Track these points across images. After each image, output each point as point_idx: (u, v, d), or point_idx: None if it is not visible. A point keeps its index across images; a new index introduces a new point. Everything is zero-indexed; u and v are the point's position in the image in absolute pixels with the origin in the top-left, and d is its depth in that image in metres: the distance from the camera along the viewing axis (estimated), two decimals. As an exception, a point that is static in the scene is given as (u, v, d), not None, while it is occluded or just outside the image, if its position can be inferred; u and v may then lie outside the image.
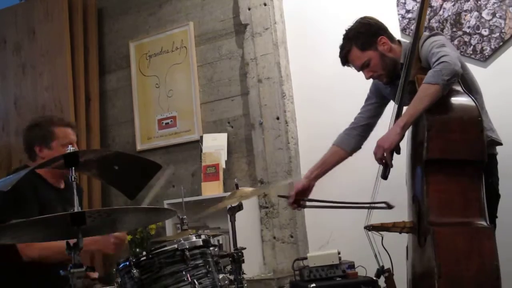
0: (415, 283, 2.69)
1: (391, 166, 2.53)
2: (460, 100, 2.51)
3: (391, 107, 2.83)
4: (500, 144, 2.72)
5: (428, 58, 2.57)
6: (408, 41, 2.81)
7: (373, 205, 2.73)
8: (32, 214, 1.78)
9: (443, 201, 2.45)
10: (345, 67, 2.93)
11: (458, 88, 2.53)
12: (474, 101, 2.49)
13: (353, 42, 2.81)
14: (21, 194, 2.65)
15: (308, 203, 2.95)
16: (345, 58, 2.87)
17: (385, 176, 2.57)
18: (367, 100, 3.05)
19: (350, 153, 3.02)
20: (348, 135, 3.02)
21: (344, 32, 2.86)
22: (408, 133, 2.68)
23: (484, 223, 2.40)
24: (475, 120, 2.45)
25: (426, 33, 2.78)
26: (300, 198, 2.94)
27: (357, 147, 3.02)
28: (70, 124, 2.97)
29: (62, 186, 2.95)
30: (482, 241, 2.36)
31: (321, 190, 3.01)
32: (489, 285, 2.32)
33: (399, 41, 2.87)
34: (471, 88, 2.63)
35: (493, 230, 2.42)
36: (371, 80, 2.93)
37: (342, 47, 2.86)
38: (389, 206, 2.68)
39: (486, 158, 2.45)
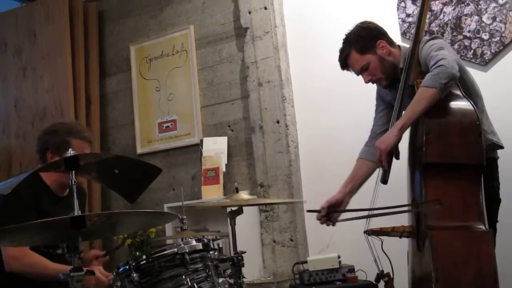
0: None
1: (389, 168, 2.53)
2: (459, 104, 2.51)
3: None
4: (501, 147, 2.72)
5: (426, 61, 2.58)
6: (408, 46, 2.82)
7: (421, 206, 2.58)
8: (29, 221, 1.77)
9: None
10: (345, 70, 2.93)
11: (457, 92, 2.53)
12: (473, 105, 2.49)
13: (353, 45, 2.81)
14: (20, 199, 2.64)
15: (342, 216, 2.83)
16: (345, 62, 2.87)
17: (384, 180, 2.57)
18: (376, 109, 3.02)
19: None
20: (369, 147, 2.94)
21: (344, 36, 2.86)
22: (408, 137, 2.69)
23: (482, 227, 2.39)
24: (473, 124, 2.45)
25: (426, 37, 2.78)
26: (332, 210, 2.84)
27: None
28: (87, 139, 2.89)
29: (66, 193, 2.94)
30: (480, 246, 2.36)
31: (320, 195, 3.00)
32: (487, 290, 2.32)
33: (399, 46, 2.87)
34: (470, 91, 2.63)
35: (491, 234, 2.42)
36: (371, 83, 2.93)
37: (341, 51, 2.86)
38: (441, 203, 2.44)
39: (484, 162, 2.45)
